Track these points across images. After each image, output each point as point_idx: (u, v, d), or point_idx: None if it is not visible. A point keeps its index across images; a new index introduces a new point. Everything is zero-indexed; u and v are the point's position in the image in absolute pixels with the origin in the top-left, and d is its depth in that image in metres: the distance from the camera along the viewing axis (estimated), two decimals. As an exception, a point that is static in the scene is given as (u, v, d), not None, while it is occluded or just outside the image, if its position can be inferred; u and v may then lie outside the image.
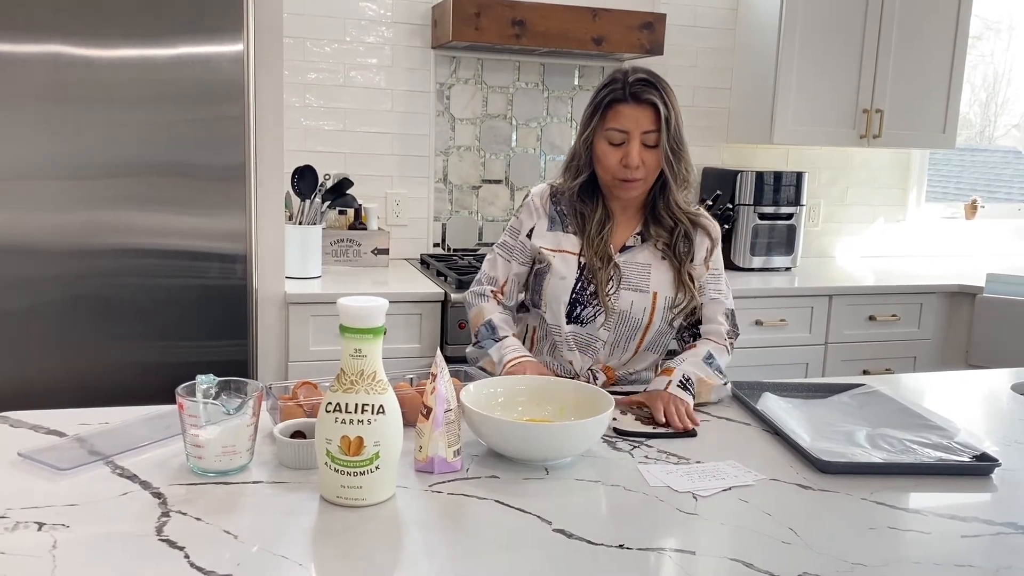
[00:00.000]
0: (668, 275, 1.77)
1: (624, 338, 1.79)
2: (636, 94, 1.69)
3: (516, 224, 1.87)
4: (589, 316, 1.76)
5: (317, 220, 2.78)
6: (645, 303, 1.76)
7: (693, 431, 1.46)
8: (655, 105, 1.69)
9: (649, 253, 1.79)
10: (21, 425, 1.39)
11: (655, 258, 1.78)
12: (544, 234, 1.82)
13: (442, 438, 1.25)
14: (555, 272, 1.77)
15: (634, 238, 1.80)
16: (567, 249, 1.79)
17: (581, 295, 1.76)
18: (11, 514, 1.08)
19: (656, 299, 1.76)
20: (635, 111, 1.69)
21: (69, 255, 2.20)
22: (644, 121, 1.69)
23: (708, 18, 3.47)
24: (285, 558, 1.00)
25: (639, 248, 1.79)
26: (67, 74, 2.13)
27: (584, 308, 1.76)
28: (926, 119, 3.44)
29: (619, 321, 1.77)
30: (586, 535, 1.08)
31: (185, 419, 1.20)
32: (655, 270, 1.78)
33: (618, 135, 1.70)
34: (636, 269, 1.78)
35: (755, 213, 3.33)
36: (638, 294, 1.76)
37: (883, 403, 1.62)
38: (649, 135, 1.70)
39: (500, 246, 1.88)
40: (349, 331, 1.12)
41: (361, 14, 3.08)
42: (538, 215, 1.83)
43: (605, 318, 1.76)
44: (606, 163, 1.73)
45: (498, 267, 1.86)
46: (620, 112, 1.70)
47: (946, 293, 3.27)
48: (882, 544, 1.10)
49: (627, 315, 1.76)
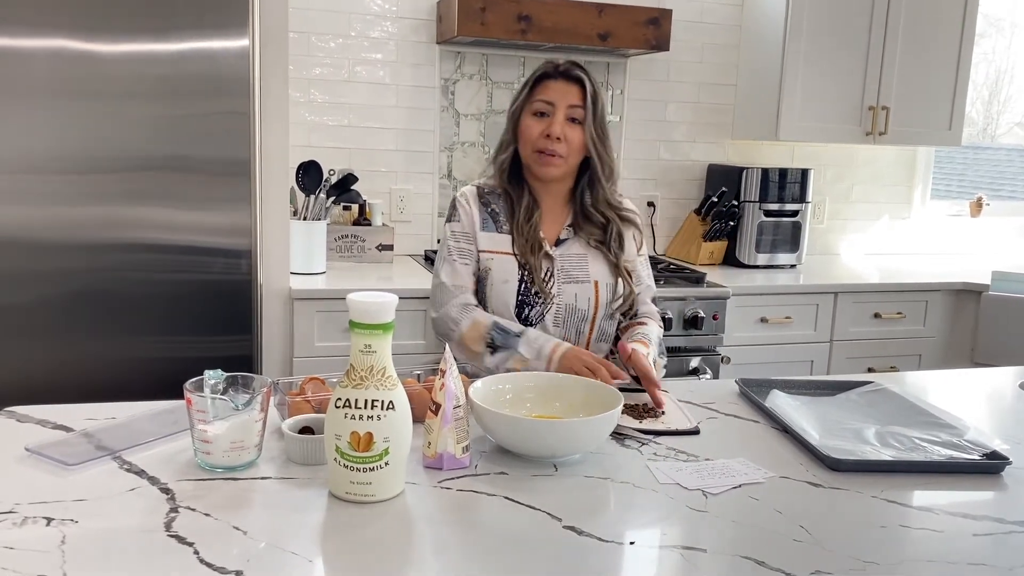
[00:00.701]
0: (604, 265, 1.81)
1: (574, 331, 1.79)
2: (565, 72, 1.76)
3: (457, 228, 1.81)
4: (537, 315, 1.77)
5: (322, 216, 2.77)
6: (588, 293, 1.79)
7: (696, 429, 1.45)
8: (582, 83, 1.75)
9: (582, 244, 1.82)
10: (28, 420, 1.39)
11: (590, 250, 1.81)
12: (480, 236, 1.80)
13: (451, 434, 1.24)
14: (496, 277, 1.77)
15: (566, 230, 1.82)
16: (504, 250, 1.78)
17: (527, 296, 1.76)
18: (19, 509, 1.07)
19: (597, 287, 1.79)
20: (562, 85, 1.75)
21: (74, 250, 2.19)
22: (570, 95, 1.74)
23: (714, 14, 3.46)
24: (295, 554, 1.00)
25: (572, 240, 1.82)
26: (72, 69, 2.12)
27: (532, 308, 1.76)
28: (932, 116, 3.43)
29: (566, 315, 1.78)
30: (596, 532, 1.08)
31: (193, 414, 1.20)
32: (591, 260, 1.81)
33: (544, 106, 1.74)
34: (573, 260, 1.80)
35: (760, 210, 3.33)
36: (579, 285, 1.78)
37: (892, 401, 1.61)
38: (574, 109, 1.74)
39: (456, 252, 1.80)
40: (359, 327, 1.11)
41: (366, 9, 3.07)
42: (472, 216, 1.81)
43: (553, 312, 1.76)
44: (528, 135, 1.75)
45: (461, 274, 1.79)
46: (547, 86, 1.75)
47: (951, 291, 3.27)
48: (894, 542, 1.09)
49: (573, 308, 1.78)
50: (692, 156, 3.55)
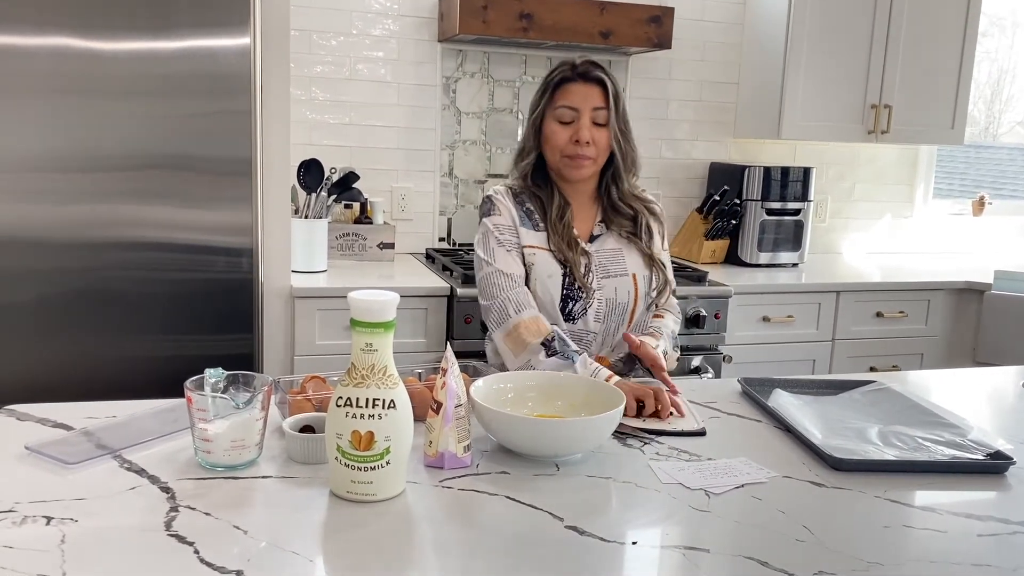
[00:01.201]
0: (638, 256, 1.84)
1: (614, 326, 1.81)
2: (584, 73, 1.75)
3: (499, 220, 1.80)
4: (579, 311, 1.78)
5: (323, 214, 2.77)
6: (628, 286, 1.80)
7: (703, 430, 1.45)
8: (603, 83, 1.75)
9: (616, 239, 1.84)
10: (28, 418, 1.38)
11: (623, 242, 1.84)
12: (520, 230, 1.80)
13: (452, 433, 1.24)
14: (540, 272, 1.77)
15: (598, 226, 1.85)
16: (543, 246, 1.79)
17: (570, 290, 1.77)
18: (19, 508, 1.07)
19: (636, 280, 1.81)
20: (584, 88, 1.75)
21: (75, 248, 2.19)
22: (593, 98, 1.74)
23: (716, 12, 3.45)
24: (295, 554, 0.99)
25: (605, 235, 1.84)
26: (73, 67, 2.12)
27: (575, 303, 1.77)
28: (935, 115, 3.43)
29: (608, 310, 1.79)
30: (598, 531, 1.07)
31: (194, 413, 1.19)
32: (626, 253, 1.83)
33: (568, 113, 1.75)
34: (609, 256, 1.82)
35: (762, 209, 3.32)
36: (619, 279, 1.80)
37: (894, 400, 1.60)
38: (599, 112, 1.75)
39: (505, 244, 1.77)
40: (360, 325, 1.11)
41: (367, 7, 3.06)
42: (511, 210, 1.81)
43: (595, 308, 1.77)
44: (555, 142, 1.76)
45: (514, 263, 1.77)
46: (569, 90, 1.75)
47: (953, 290, 3.26)
48: (898, 543, 1.08)
49: (613, 302, 1.79)
50: (694, 155, 3.54)
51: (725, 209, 3.31)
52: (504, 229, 1.80)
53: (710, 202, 3.35)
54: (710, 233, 3.35)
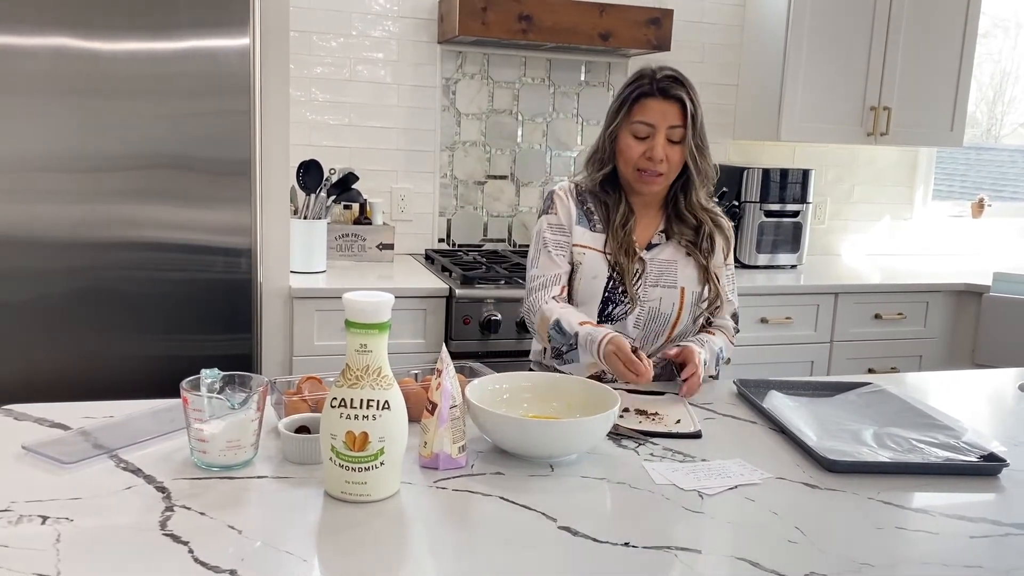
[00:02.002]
0: (694, 271, 1.82)
1: (653, 334, 1.82)
2: (664, 89, 1.73)
3: (554, 220, 1.84)
4: (620, 314, 1.79)
5: (322, 215, 2.77)
6: (673, 298, 1.80)
7: (698, 432, 1.45)
8: (682, 101, 1.73)
9: (673, 250, 1.84)
10: (25, 418, 1.39)
11: (680, 254, 1.83)
12: (576, 229, 1.83)
13: (447, 434, 1.24)
14: (587, 271, 1.80)
15: (658, 235, 1.84)
16: (596, 247, 1.81)
17: (613, 293, 1.79)
18: (15, 507, 1.08)
19: (684, 294, 1.81)
20: (662, 105, 1.73)
21: (73, 248, 2.20)
22: (670, 116, 1.73)
23: (715, 14, 3.46)
24: (289, 554, 1.00)
25: (664, 245, 1.84)
26: (73, 67, 2.13)
27: (616, 306, 1.79)
28: (934, 117, 3.43)
29: (648, 317, 1.80)
30: (591, 532, 1.08)
31: (189, 413, 1.20)
32: (681, 266, 1.82)
33: (644, 128, 1.74)
34: (662, 266, 1.82)
35: (761, 210, 3.32)
36: (666, 290, 1.80)
37: (890, 402, 1.61)
38: (675, 130, 1.74)
39: (551, 244, 1.82)
40: (355, 326, 1.11)
41: (367, 8, 3.07)
42: (570, 209, 1.84)
43: (635, 313, 1.79)
44: (629, 155, 1.76)
45: (556, 265, 1.81)
46: (647, 106, 1.74)
47: (952, 292, 3.26)
48: (890, 544, 1.09)
49: (656, 311, 1.80)
50: (693, 156, 3.54)
51: (724, 210, 3.31)
52: (556, 228, 1.84)
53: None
54: (709, 234, 3.35)
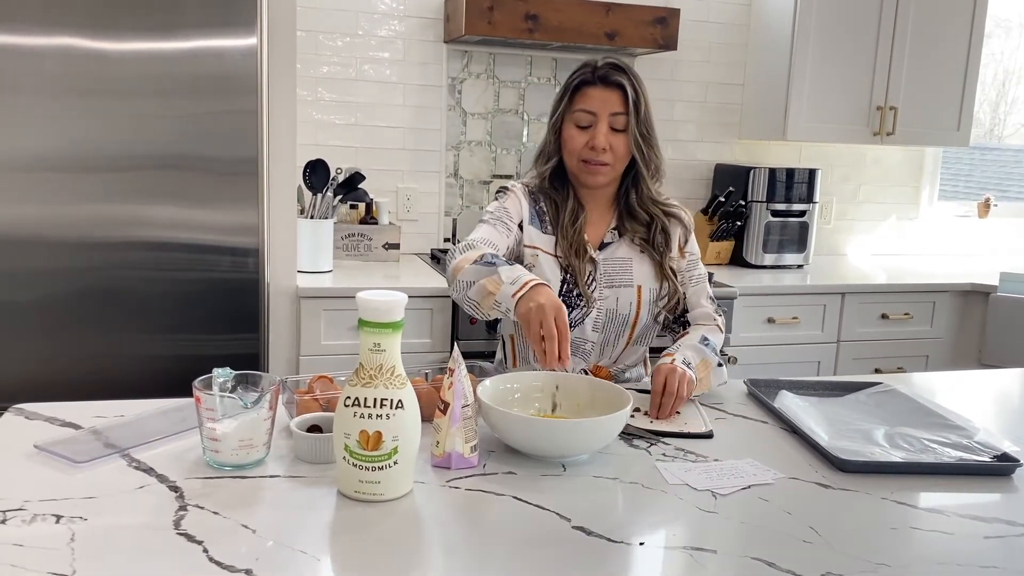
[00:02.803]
0: (649, 267, 1.77)
1: (613, 336, 1.77)
2: (604, 76, 1.69)
3: (505, 205, 1.76)
4: (577, 318, 1.73)
5: (329, 214, 2.77)
6: (630, 297, 1.75)
7: (710, 433, 1.45)
8: (623, 87, 1.68)
9: (627, 247, 1.77)
10: (36, 417, 1.39)
11: (634, 251, 1.77)
12: (528, 229, 1.76)
13: (459, 434, 1.24)
14: (539, 275, 1.68)
15: (611, 233, 1.78)
16: (547, 250, 1.74)
17: (568, 296, 1.72)
18: (28, 506, 1.08)
19: (640, 292, 1.75)
20: (603, 92, 1.68)
21: (82, 248, 2.20)
22: (612, 103, 1.68)
23: (722, 13, 3.45)
24: (303, 553, 1.00)
25: (617, 243, 1.78)
26: (80, 67, 2.13)
27: (572, 310, 1.72)
28: (940, 116, 3.42)
29: (606, 319, 1.75)
30: (605, 532, 1.08)
31: (202, 412, 1.19)
32: (636, 263, 1.76)
33: (586, 117, 1.69)
34: (617, 264, 1.76)
35: (767, 210, 3.32)
36: (622, 289, 1.75)
37: (901, 402, 1.60)
38: (617, 118, 1.68)
39: (494, 219, 1.74)
40: (368, 325, 1.11)
41: (374, 8, 3.07)
42: (523, 206, 1.77)
43: (593, 316, 1.73)
44: (572, 146, 1.71)
45: (493, 237, 1.70)
46: (588, 94, 1.69)
47: (959, 292, 3.26)
48: (904, 544, 1.09)
49: (613, 312, 1.74)
50: (699, 156, 3.54)
51: (730, 210, 3.31)
52: (503, 211, 1.75)
53: (715, 203, 3.35)
54: (715, 234, 3.35)
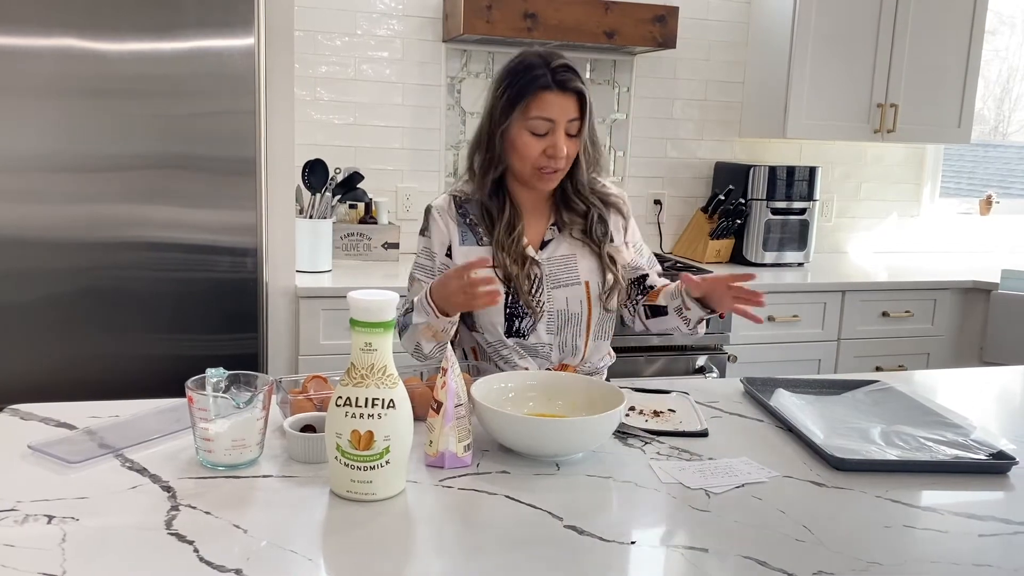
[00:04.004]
0: (593, 261, 1.73)
1: (570, 337, 1.73)
2: (562, 82, 1.60)
3: (428, 244, 1.74)
4: (528, 326, 1.69)
5: (327, 214, 2.77)
6: (579, 295, 1.71)
7: (705, 431, 1.45)
8: (580, 93, 1.62)
9: (569, 243, 1.73)
10: (31, 418, 1.39)
11: (577, 246, 1.73)
12: (460, 249, 1.70)
13: (452, 433, 1.24)
14: None
15: (550, 230, 1.74)
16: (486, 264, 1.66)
17: (515, 307, 1.68)
18: (21, 507, 1.08)
19: (589, 288, 1.72)
20: (561, 99, 1.60)
21: (79, 248, 2.20)
22: (569, 109, 1.62)
23: (721, 11, 3.45)
24: (295, 552, 1.00)
25: (558, 240, 1.73)
26: (78, 68, 2.13)
27: (522, 320, 1.69)
28: (941, 113, 3.41)
29: (560, 321, 1.71)
30: (597, 531, 1.07)
31: (195, 412, 1.20)
32: (580, 258, 1.72)
33: (544, 124, 1.61)
34: (560, 263, 1.72)
35: (768, 208, 3.31)
36: (570, 288, 1.71)
37: (898, 400, 1.60)
38: (572, 124, 1.63)
39: (419, 270, 1.73)
40: (359, 325, 1.11)
41: (372, 7, 3.07)
42: (449, 231, 1.72)
43: (544, 321, 1.69)
44: (527, 153, 1.63)
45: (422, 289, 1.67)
46: (545, 100, 1.60)
47: (960, 289, 3.25)
48: (898, 542, 1.08)
49: (565, 313, 1.71)
50: (699, 154, 3.53)
51: (730, 208, 3.31)
52: (424, 253, 1.74)
53: (715, 201, 3.34)
54: (715, 232, 3.34)
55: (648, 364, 2.66)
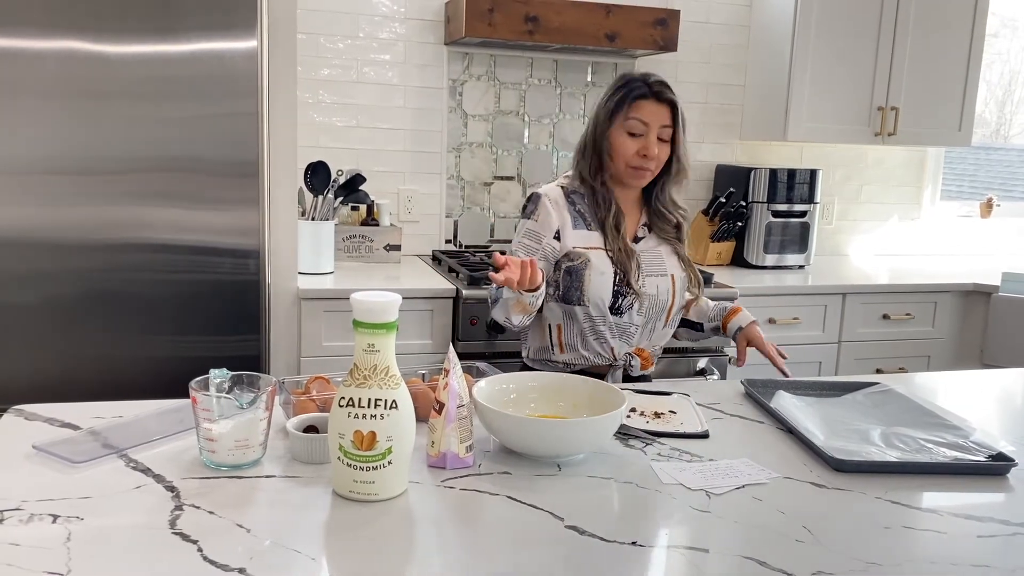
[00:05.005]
0: (675, 259, 2.00)
1: (654, 319, 1.96)
2: (658, 93, 1.88)
3: (535, 227, 1.92)
4: (627, 305, 1.91)
5: (329, 216, 2.78)
6: (667, 285, 1.96)
7: (706, 432, 1.45)
8: (673, 104, 1.89)
9: (656, 241, 1.99)
10: (36, 418, 1.40)
11: (662, 246, 1.99)
12: (573, 233, 1.92)
13: (454, 434, 1.24)
14: (595, 269, 1.88)
15: (642, 228, 1.99)
16: (597, 245, 1.91)
17: (620, 287, 1.90)
18: (26, 506, 1.08)
19: (674, 280, 1.97)
20: (656, 107, 1.88)
21: (83, 250, 2.21)
22: (662, 116, 1.88)
23: (722, 14, 3.46)
24: (298, 552, 1.00)
25: (648, 237, 1.99)
26: (81, 70, 2.14)
27: (624, 299, 1.90)
28: (942, 116, 3.42)
29: (650, 305, 1.93)
30: (598, 532, 1.08)
31: (198, 413, 1.20)
32: (666, 255, 1.98)
33: (639, 126, 1.87)
34: (652, 256, 1.96)
35: (768, 211, 3.32)
36: (660, 278, 1.95)
37: (897, 402, 1.60)
38: (665, 130, 1.89)
39: (522, 248, 1.92)
40: (362, 326, 1.12)
41: (374, 10, 3.08)
42: (560, 216, 1.92)
43: (639, 305, 1.91)
44: (623, 151, 1.88)
45: None
46: (643, 107, 1.88)
47: (961, 292, 3.25)
48: (897, 544, 1.09)
49: (655, 299, 1.94)
50: (700, 156, 3.54)
51: (731, 211, 3.31)
52: (530, 234, 1.93)
53: (716, 204, 3.35)
54: (716, 235, 3.35)
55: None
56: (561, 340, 1.93)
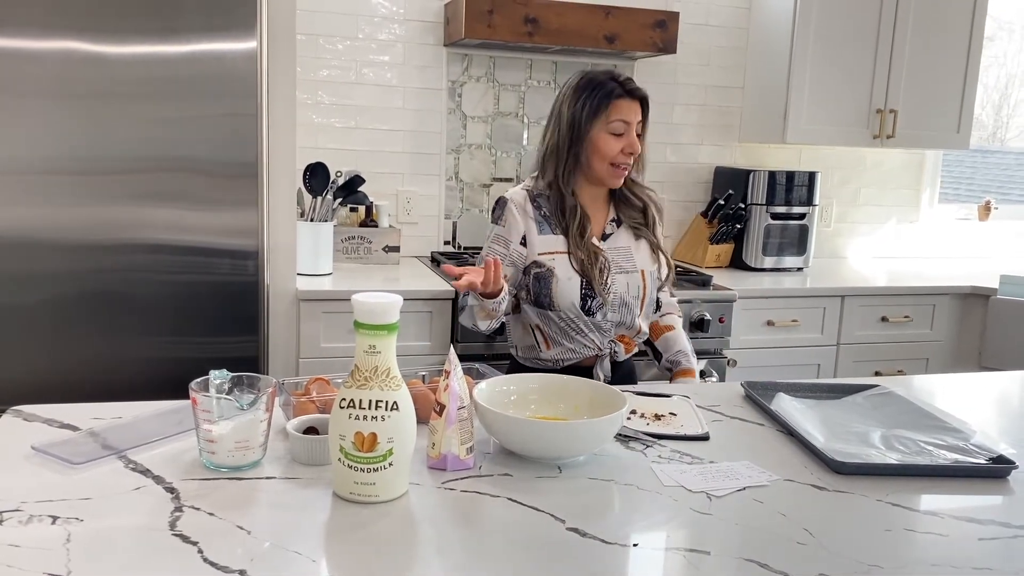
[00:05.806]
0: (646, 251, 2.01)
1: (626, 315, 1.97)
2: (632, 90, 1.92)
3: (503, 232, 1.95)
4: (597, 306, 1.93)
5: (328, 217, 2.78)
6: (636, 281, 1.97)
7: (706, 435, 1.45)
8: (645, 99, 1.94)
9: (626, 235, 2.00)
10: (35, 419, 1.40)
11: (632, 239, 2.00)
12: (539, 239, 1.93)
13: (455, 435, 1.24)
14: (560, 276, 1.91)
15: (610, 224, 2.01)
16: (560, 250, 1.93)
17: (588, 290, 1.92)
18: (25, 507, 1.08)
19: (644, 276, 1.98)
20: (631, 104, 1.91)
21: (81, 251, 2.20)
22: (637, 112, 1.93)
23: (721, 16, 3.46)
24: (298, 554, 1.00)
25: (617, 233, 2.00)
26: (80, 70, 2.14)
27: (592, 300, 1.92)
28: (940, 119, 3.42)
29: (620, 303, 1.96)
30: (599, 534, 1.08)
31: (198, 414, 1.20)
32: (635, 250, 1.99)
33: (622, 126, 1.90)
34: (620, 253, 1.98)
35: (767, 213, 3.32)
36: (628, 275, 1.96)
37: (897, 404, 1.60)
38: (639, 125, 1.94)
39: (491, 253, 1.93)
40: (364, 327, 1.12)
41: (374, 11, 3.08)
42: (524, 222, 1.94)
43: (607, 304, 1.93)
44: (607, 151, 1.90)
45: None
46: (620, 106, 1.90)
47: (959, 295, 3.26)
48: (898, 546, 1.09)
49: (626, 296, 1.96)
50: (699, 159, 3.54)
51: (730, 213, 3.31)
52: (499, 239, 1.95)
53: (715, 206, 3.35)
54: (715, 237, 3.35)
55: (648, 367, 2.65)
56: (545, 338, 1.96)
